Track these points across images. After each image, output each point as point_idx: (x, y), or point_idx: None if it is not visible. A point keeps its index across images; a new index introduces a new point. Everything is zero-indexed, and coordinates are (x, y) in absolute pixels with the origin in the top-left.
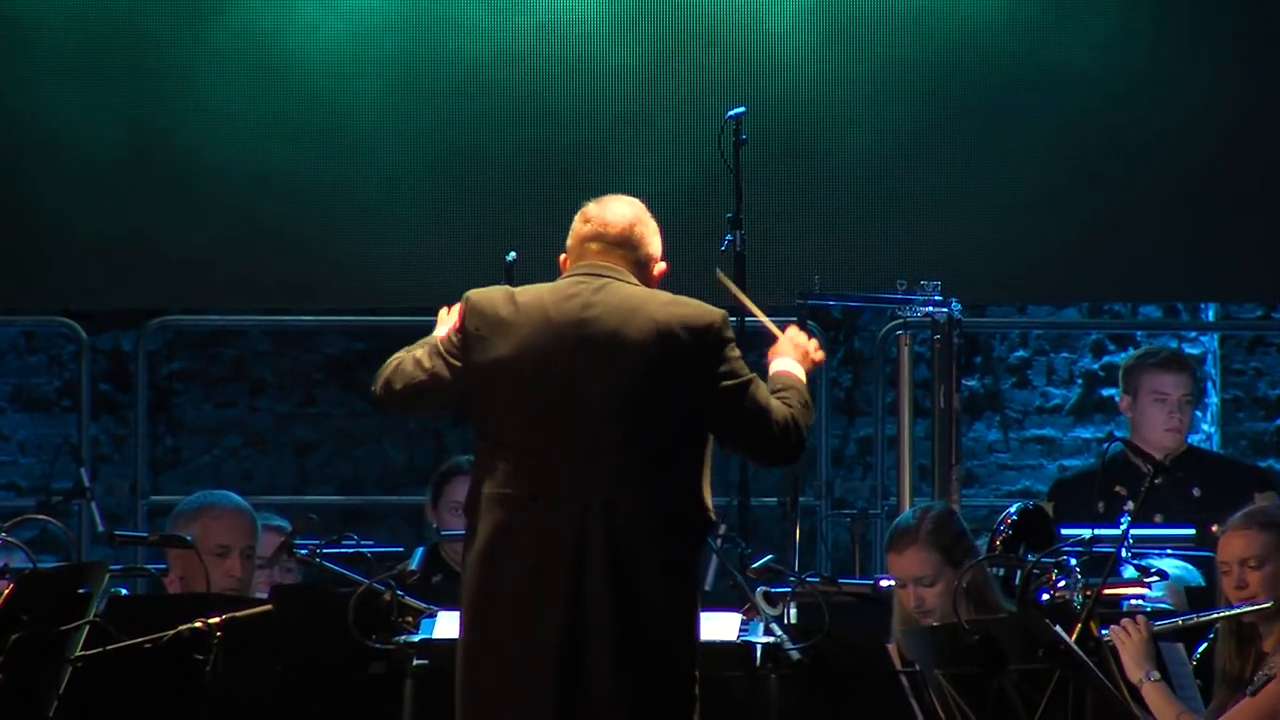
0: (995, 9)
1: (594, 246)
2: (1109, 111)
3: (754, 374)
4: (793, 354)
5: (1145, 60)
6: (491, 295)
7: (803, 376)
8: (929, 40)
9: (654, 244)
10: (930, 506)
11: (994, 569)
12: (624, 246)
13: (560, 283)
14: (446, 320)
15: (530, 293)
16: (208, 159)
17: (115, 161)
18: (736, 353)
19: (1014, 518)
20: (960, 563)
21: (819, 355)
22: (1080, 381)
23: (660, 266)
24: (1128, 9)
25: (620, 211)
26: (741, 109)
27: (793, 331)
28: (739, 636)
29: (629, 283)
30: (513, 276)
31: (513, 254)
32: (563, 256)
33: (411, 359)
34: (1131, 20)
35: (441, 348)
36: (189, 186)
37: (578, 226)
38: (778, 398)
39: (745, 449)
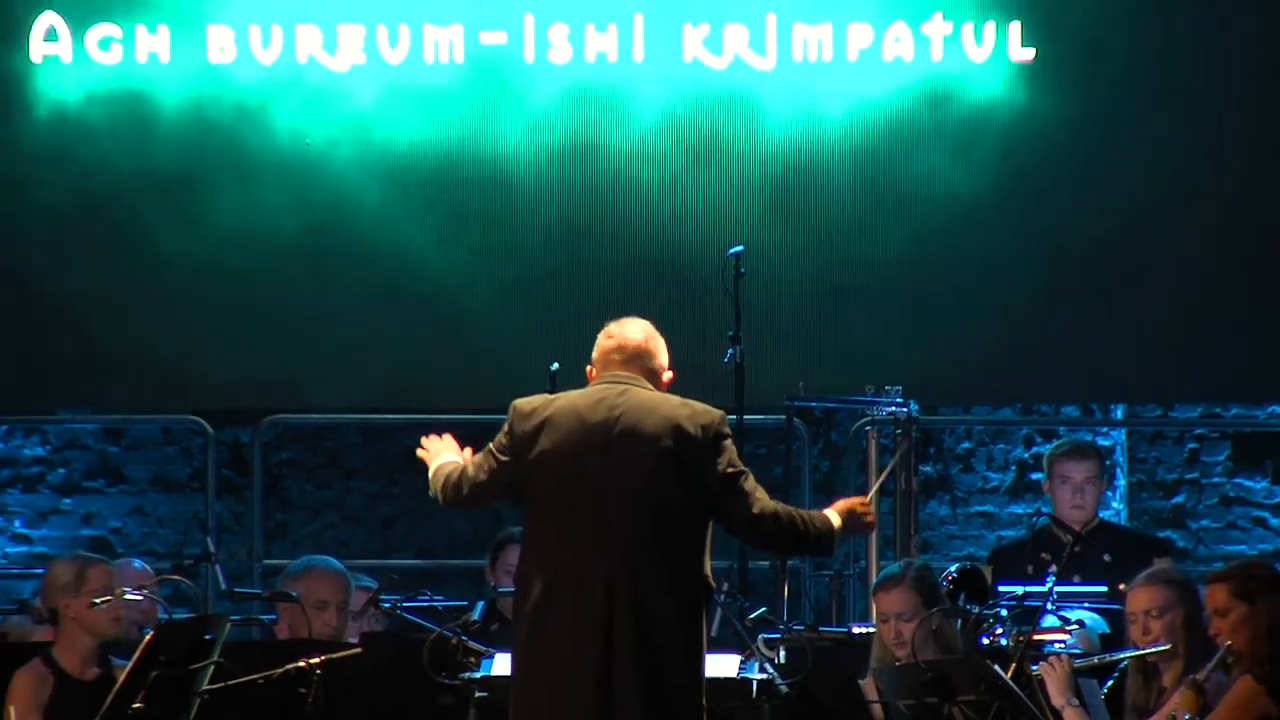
0: (939, 164)
1: (616, 358)
2: (1026, 251)
3: (746, 468)
4: (842, 508)
5: (1062, 195)
6: (533, 402)
7: (834, 522)
8: (891, 190)
9: (663, 356)
10: (912, 561)
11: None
12: (639, 359)
13: (589, 389)
14: (433, 444)
15: (565, 398)
16: (303, 296)
17: (232, 293)
18: (732, 445)
19: (954, 575)
20: (932, 606)
21: (872, 519)
22: (1014, 468)
23: (668, 375)
24: (1067, 163)
25: (636, 330)
26: (740, 247)
27: (870, 499)
28: (739, 673)
29: (645, 388)
30: (556, 383)
31: (556, 364)
32: (589, 368)
33: (470, 466)
34: (1051, 164)
35: (493, 449)
36: (289, 318)
37: (601, 342)
38: (785, 507)
39: (729, 525)
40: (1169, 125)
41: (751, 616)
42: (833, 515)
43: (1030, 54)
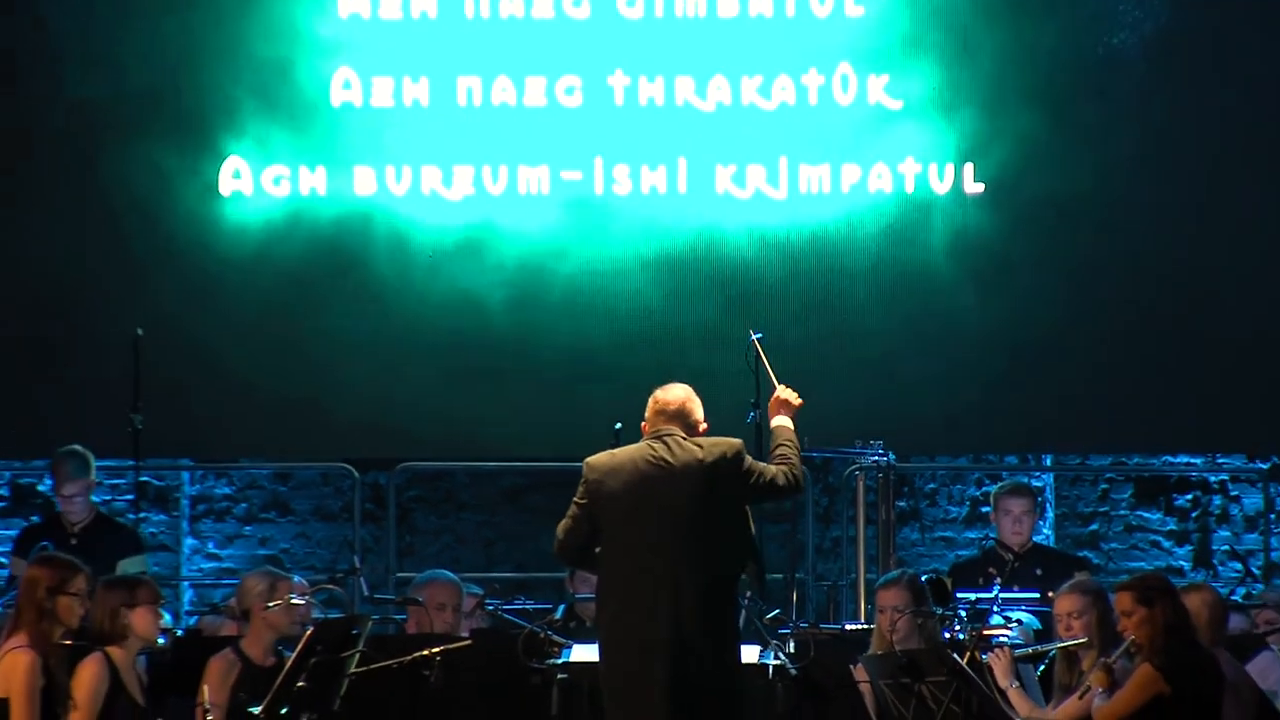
0: (912, 266)
1: (662, 417)
2: (982, 338)
3: (760, 462)
4: (783, 409)
5: (1003, 297)
6: (599, 457)
7: (790, 425)
8: (874, 284)
9: (698, 413)
10: (906, 570)
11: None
12: (680, 417)
13: (642, 443)
14: None
15: (624, 451)
16: (426, 374)
17: (374, 370)
18: (749, 458)
19: (924, 584)
20: (920, 604)
21: (798, 401)
22: (968, 503)
23: (703, 426)
24: (1007, 270)
25: (676, 394)
26: (759, 334)
27: (780, 390)
28: (759, 659)
29: (683, 438)
30: (620, 439)
31: (619, 424)
32: (644, 424)
33: (563, 526)
34: (995, 270)
35: (575, 500)
36: (417, 390)
37: (651, 404)
38: (778, 456)
39: (772, 499)
40: (1083, 247)
41: (768, 617)
42: (782, 421)
43: (980, 188)
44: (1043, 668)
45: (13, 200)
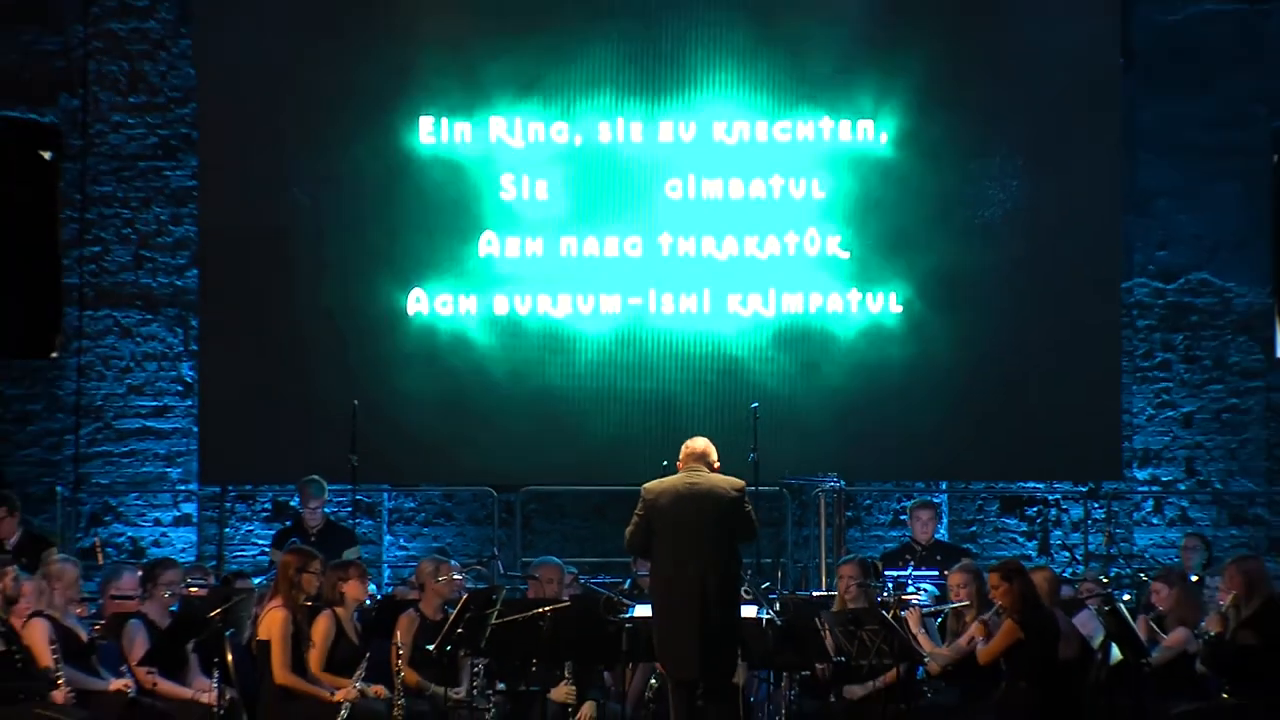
0: (855, 351)
1: (691, 457)
2: (902, 397)
3: (751, 509)
4: None
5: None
6: (653, 483)
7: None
8: (822, 361)
9: (713, 455)
10: (856, 554)
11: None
12: (702, 458)
13: (680, 475)
14: None
15: (669, 479)
16: (551, 418)
17: (509, 417)
18: (748, 500)
19: (868, 560)
20: (868, 578)
21: None
22: (891, 513)
23: (717, 465)
24: (927, 361)
25: (700, 443)
26: (756, 403)
27: None
28: (756, 614)
29: (705, 472)
30: (665, 472)
31: (665, 462)
32: (679, 463)
33: (630, 530)
34: (914, 360)
35: (637, 512)
36: (540, 432)
37: (684, 449)
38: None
39: (743, 529)
40: (962, 350)
41: (763, 586)
42: None
43: (901, 308)
44: (940, 621)
45: (284, 322)
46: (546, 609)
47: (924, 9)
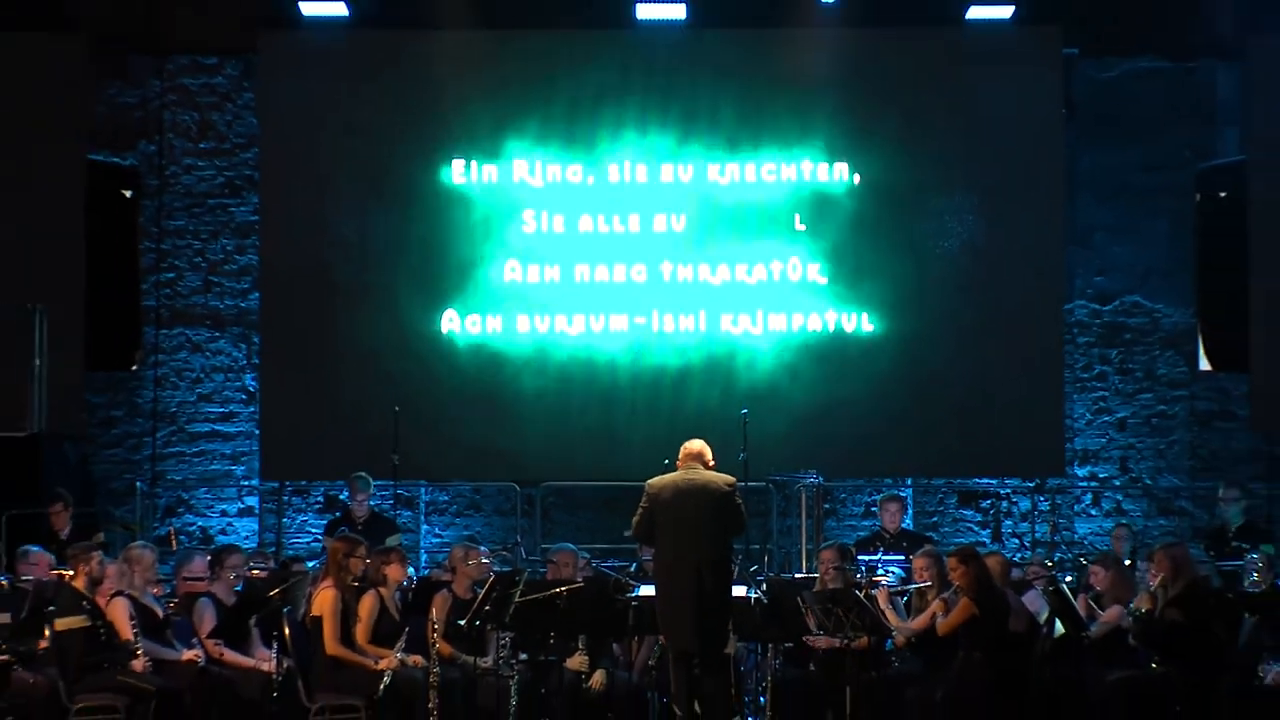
0: (831, 372)
1: (689, 457)
2: (877, 407)
3: (741, 505)
4: None
5: (888, 397)
6: (656, 479)
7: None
8: (806, 383)
9: (709, 455)
10: (835, 541)
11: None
12: (699, 456)
13: (679, 472)
14: None
15: (670, 475)
16: (566, 428)
17: (531, 420)
18: (738, 494)
19: (846, 546)
20: (846, 562)
21: None
22: (864, 505)
23: (712, 463)
24: (901, 374)
25: (697, 444)
26: (745, 410)
27: None
28: (746, 594)
29: (701, 470)
30: (666, 469)
31: (667, 460)
32: (678, 461)
33: (636, 520)
34: (888, 374)
35: (642, 504)
36: (559, 436)
37: (683, 450)
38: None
39: (733, 522)
40: (923, 360)
41: (751, 569)
42: None
43: (872, 326)
44: (905, 599)
45: (333, 339)
46: (563, 589)
47: (893, 70)
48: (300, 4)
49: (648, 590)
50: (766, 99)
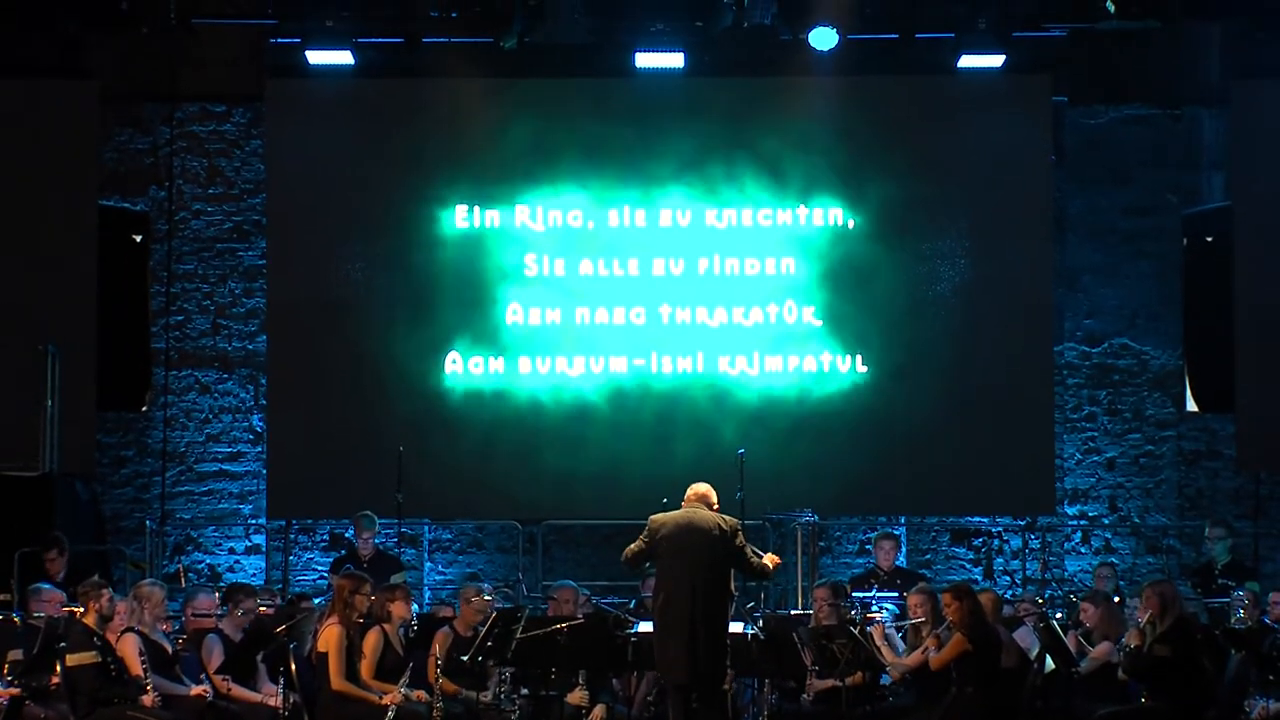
0: (826, 419)
1: (694, 498)
2: (867, 452)
3: (746, 543)
4: (771, 559)
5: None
6: (658, 515)
7: (768, 562)
8: (798, 424)
9: (713, 496)
10: (830, 579)
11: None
12: (703, 498)
13: (683, 509)
14: None
15: (673, 514)
16: (568, 463)
17: (533, 462)
18: (741, 534)
19: (840, 584)
20: (840, 599)
21: (777, 560)
22: (858, 543)
23: (715, 504)
24: (885, 421)
25: (701, 486)
26: (742, 450)
27: (770, 556)
28: (743, 630)
29: (704, 510)
30: (669, 507)
31: (666, 499)
32: (683, 501)
33: (632, 550)
34: (874, 424)
35: (642, 537)
36: (561, 474)
37: (689, 491)
38: (754, 553)
39: (742, 568)
40: (904, 400)
41: (747, 606)
42: (768, 559)
43: (866, 368)
44: (900, 635)
45: (339, 381)
46: (564, 625)
47: (887, 117)
48: (307, 53)
49: (647, 627)
50: (762, 145)
